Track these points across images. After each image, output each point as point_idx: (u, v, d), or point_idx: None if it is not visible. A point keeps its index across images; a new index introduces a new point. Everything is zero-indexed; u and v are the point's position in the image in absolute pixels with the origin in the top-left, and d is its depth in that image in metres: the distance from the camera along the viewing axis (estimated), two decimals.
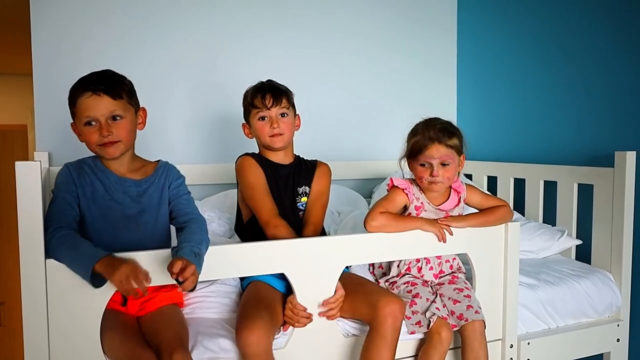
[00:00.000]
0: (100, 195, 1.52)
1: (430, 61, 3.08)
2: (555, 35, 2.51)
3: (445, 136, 1.71)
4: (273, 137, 1.78)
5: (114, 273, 1.27)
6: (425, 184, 1.75)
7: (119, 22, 2.43)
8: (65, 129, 2.28)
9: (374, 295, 1.60)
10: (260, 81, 1.86)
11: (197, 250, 1.39)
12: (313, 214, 1.82)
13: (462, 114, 3.10)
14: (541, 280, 1.99)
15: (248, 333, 1.41)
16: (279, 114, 1.79)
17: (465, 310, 1.68)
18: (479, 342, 1.67)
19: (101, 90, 1.47)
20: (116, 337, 1.41)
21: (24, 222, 1.27)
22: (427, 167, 1.73)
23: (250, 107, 1.81)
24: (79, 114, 1.49)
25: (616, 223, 2.08)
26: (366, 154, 2.93)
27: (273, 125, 1.78)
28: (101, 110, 1.48)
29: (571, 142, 2.44)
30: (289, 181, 1.84)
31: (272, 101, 1.78)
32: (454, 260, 1.85)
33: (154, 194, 1.59)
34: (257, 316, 1.47)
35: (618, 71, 2.23)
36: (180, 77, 2.53)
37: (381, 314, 1.54)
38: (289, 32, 2.74)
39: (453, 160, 1.73)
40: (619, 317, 2.09)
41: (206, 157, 2.60)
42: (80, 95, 1.48)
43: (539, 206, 2.47)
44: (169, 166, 1.65)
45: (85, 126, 1.49)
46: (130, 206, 1.55)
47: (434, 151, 1.71)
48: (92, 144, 1.51)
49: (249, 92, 1.83)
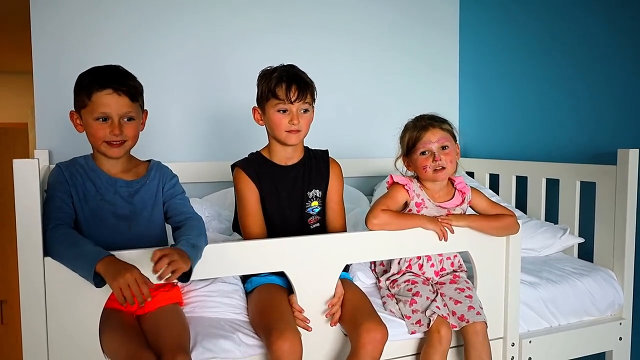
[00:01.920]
0: (92, 196, 1.51)
1: (432, 60, 3.08)
2: (557, 33, 2.50)
3: (437, 121, 1.75)
4: (290, 133, 1.67)
5: (115, 279, 1.25)
6: (430, 173, 1.73)
7: (117, 19, 2.42)
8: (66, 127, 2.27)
9: (361, 315, 1.55)
10: (283, 65, 1.70)
11: (193, 242, 1.38)
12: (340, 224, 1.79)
13: (464, 112, 3.10)
14: (543, 279, 1.98)
15: (282, 343, 1.40)
16: (301, 110, 1.67)
17: (467, 311, 1.67)
18: (481, 343, 1.65)
19: (122, 91, 1.48)
20: (116, 338, 1.40)
21: (22, 219, 1.27)
22: (428, 155, 1.73)
23: (271, 95, 1.66)
24: (93, 107, 1.48)
25: (619, 221, 2.07)
26: (368, 151, 2.93)
27: (293, 120, 1.65)
28: (118, 109, 1.48)
29: (573, 140, 2.43)
30: (297, 185, 1.75)
31: (297, 95, 1.64)
32: (455, 258, 1.85)
33: (146, 194, 1.57)
34: (285, 323, 1.45)
35: (620, 69, 2.22)
36: (178, 75, 2.53)
37: (362, 339, 1.49)
38: (290, 31, 2.73)
39: (451, 143, 1.74)
40: (622, 315, 2.08)
41: (205, 155, 2.59)
42: (99, 89, 1.47)
43: (541, 204, 2.46)
44: (161, 166, 1.64)
45: (96, 120, 1.48)
46: (122, 206, 1.53)
47: (430, 135, 1.73)
48: (98, 139, 1.50)
49: (272, 79, 1.66)
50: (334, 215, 1.80)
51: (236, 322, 1.60)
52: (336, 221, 1.80)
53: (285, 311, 1.52)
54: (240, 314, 1.64)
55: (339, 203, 1.81)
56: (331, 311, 1.58)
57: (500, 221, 1.75)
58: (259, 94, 1.73)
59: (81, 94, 1.49)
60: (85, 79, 1.50)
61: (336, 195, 1.80)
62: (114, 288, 1.25)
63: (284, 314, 1.50)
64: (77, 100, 1.51)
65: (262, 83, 1.70)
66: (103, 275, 1.27)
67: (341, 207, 1.81)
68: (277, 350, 1.40)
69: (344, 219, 1.82)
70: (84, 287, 1.32)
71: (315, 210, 1.78)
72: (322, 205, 1.80)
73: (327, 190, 1.79)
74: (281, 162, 1.76)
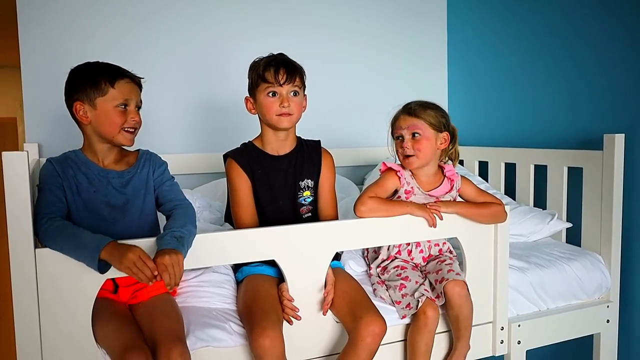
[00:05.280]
0: (84, 188, 1.52)
1: (421, 48, 3.09)
2: (544, 20, 2.51)
3: (417, 108, 1.76)
4: (281, 117, 1.68)
5: (121, 262, 1.29)
6: (401, 159, 1.77)
7: (105, 12, 2.41)
8: (55, 121, 2.29)
9: (360, 308, 1.56)
10: (272, 53, 1.73)
11: (178, 234, 1.40)
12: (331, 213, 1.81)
13: (453, 100, 3.11)
14: (531, 263, 2.01)
15: (263, 340, 1.41)
16: (291, 92, 1.68)
17: (446, 273, 1.69)
18: (460, 298, 1.66)
19: (136, 82, 1.58)
20: (109, 327, 1.41)
21: (12, 212, 1.27)
22: (400, 140, 1.77)
23: (260, 80, 1.68)
24: (116, 95, 1.52)
25: (605, 206, 2.09)
26: (358, 141, 2.94)
27: (283, 103, 1.66)
28: (136, 98, 1.57)
29: (560, 126, 2.45)
30: (289, 175, 1.76)
31: (286, 77, 1.66)
32: (444, 245, 1.86)
33: (138, 183, 1.59)
34: (267, 319, 1.45)
35: (607, 55, 2.24)
36: (169, 66, 2.52)
37: (361, 332, 1.50)
38: (280, 25, 2.73)
39: (423, 131, 1.74)
40: (609, 298, 2.11)
41: (196, 147, 2.59)
42: (120, 78, 1.53)
43: (529, 190, 2.48)
44: (150, 154, 1.66)
45: (116, 107, 1.53)
46: (114, 197, 1.55)
47: (401, 121, 1.76)
48: (117, 126, 1.53)
49: (260, 64, 1.70)
50: (326, 205, 1.81)
51: (228, 311, 1.61)
52: (328, 210, 1.81)
53: (269, 306, 1.52)
54: (231, 303, 1.65)
55: (330, 192, 1.82)
56: (327, 299, 1.59)
57: (488, 209, 1.77)
58: (249, 83, 1.75)
59: (99, 83, 1.51)
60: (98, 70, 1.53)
61: (328, 185, 1.81)
62: (125, 270, 1.30)
63: (267, 310, 1.50)
64: (88, 90, 1.51)
65: (252, 72, 1.73)
66: (109, 260, 1.31)
67: (333, 197, 1.83)
68: (258, 348, 1.42)
69: (335, 209, 1.83)
70: (76, 278, 1.33)
71: (308, 200, 1.79)
72: (314, 195, 1.81)
73: (319, 180, 1.81)
74: (273, 152, 1.77)
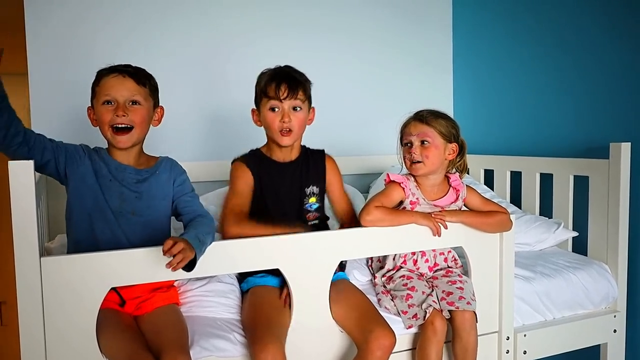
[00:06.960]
0: (103, 174, 1.54)
1: (427, 56, 3.08)
2: (550, 28, 2.51)
3: (428, 116, 1.77)
4: (282, 135, 1.69)
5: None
6: (408, 165, 1.78)
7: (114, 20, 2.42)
8: (62, 128, 2.30)
9: (370, 321, 1.56)
10: (278, 66, 1.74)
11: (201, 238, 1.40)
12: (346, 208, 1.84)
13: (459, 108, 3.10)
14: (537, 273, 2.00)
15: (265, 355, 1.40)
16: (292, 107, 1.69)
17: (457, 300, 1.68)
18: (467, 332, 1.66)
19: (127, 73, 1.52)
20: (116, 338, 1.41)
21: (18, 221, 1.27)
22: (409, 146, 1.77)
23: (262, 94, 1.70)
24: (100, 92, 1.51)
25: (612, 214, 2.08)
26: (363, 149, 2.93)
27: (284, 118, 1.68)
28: (122, 91, 1.51)
29: (566, 135, 2.44)
30: (295, 181, 1.77)
31: (287, 92, 1.67)
32: (449, 254, 1.86)
33: (154, 184, 1.59)
34: (269, 334, 1.45)
35: (612, 63, 2.23)
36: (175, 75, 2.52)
37: (371, 345, 1.50)
38: (286, 31, 2.73)
39: (433, 140, 1.75)
40: (616, 308, 2.10)
41: (202, 154, 2.59)
42: (106, 74, 1.52)
43: (535, 199, 2.47)
44: (171, 161, 1.67)
45: (102, 105, 1.51)
46: (128, 190, 1.55)
47: (411, 128, 1.77)
48: (105, 123, 1.52)
49: (264, 78, 1.71)
50: (340, 202, 1.86)
51: (232, 321, 1.61)
52: (342, 205, 1.86)
53: (272, 321, 1.52)
54: (236, 313, 1.65)
55: (341, 190, 1.86)
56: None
57: (493, 218, 1.77)
58: (255, 95, 1.77)
59: (93, 84, 1.53)
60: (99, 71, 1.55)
61: (337, 187, 1.86)
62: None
63: (271, 325, 1.50)
64: (92, 92, 1.55)
65: (257, 85, 1.75)
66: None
67: (345, 195, 1.87)
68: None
69: (350, 204, 1.88)
70: (81, 287, 1.33)
71: (314, 207, 1.80)
72: (320, 201, 1.82)
73: (324, 187, 1.83)
74: (279, 159, 1.79)
